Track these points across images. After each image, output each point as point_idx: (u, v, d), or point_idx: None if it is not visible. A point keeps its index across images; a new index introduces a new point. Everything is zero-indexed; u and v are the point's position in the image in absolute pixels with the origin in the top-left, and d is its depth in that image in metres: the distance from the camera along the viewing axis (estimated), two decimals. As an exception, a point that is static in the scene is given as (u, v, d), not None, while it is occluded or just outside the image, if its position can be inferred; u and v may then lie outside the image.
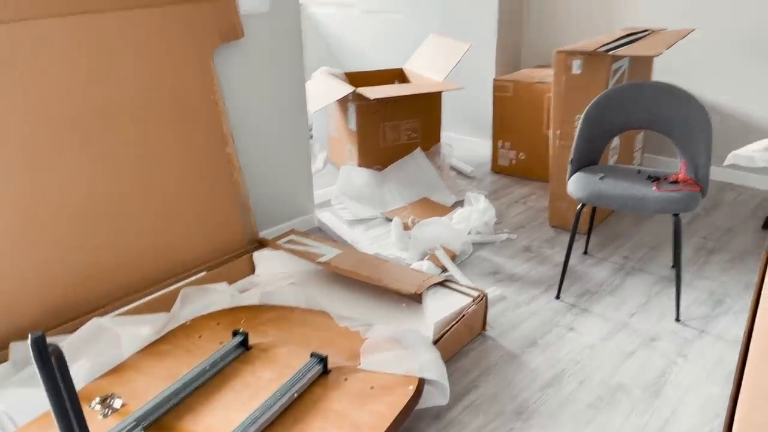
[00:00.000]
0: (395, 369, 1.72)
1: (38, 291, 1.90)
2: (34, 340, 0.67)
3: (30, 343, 0.67)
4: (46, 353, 0.68)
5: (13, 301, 1.85)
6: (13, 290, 1.85)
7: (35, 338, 0.67)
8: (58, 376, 0.74)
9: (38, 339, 0.67)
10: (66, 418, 0.73)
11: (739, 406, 1.22)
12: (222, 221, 2.39)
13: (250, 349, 1.84)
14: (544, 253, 2.73)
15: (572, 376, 1.94)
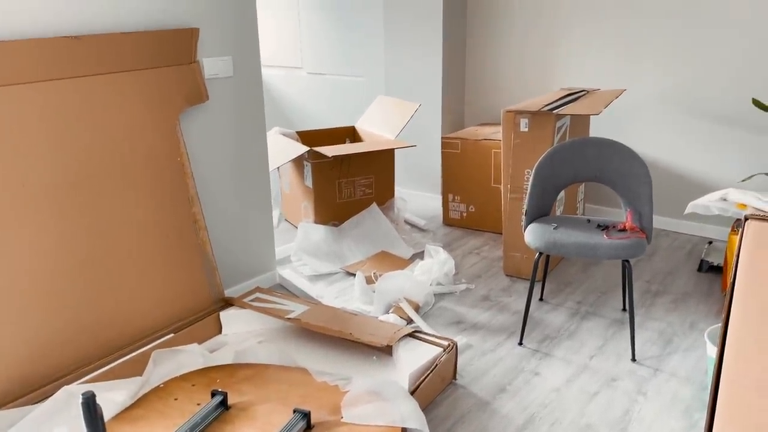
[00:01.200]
0: (378, 420, 1.75)
1: (2, 361, 1.84)
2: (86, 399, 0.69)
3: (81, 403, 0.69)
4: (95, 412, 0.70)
5: (-23, 372, 1.79)
6: (-22, 360, 1.79)
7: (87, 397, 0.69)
8: None
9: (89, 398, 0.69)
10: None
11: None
12: (188, 281, 2.38)
13: (229, 409, 1.83)
14: (502, 301, 2.84)
15: (543, 420, 2.01)
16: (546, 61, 3.82)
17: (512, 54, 3.93)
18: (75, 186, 2.05)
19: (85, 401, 0.69)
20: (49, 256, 1.97)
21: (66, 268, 2.01)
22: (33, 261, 1.93)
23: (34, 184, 1.95)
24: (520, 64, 3.92)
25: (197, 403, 1.85)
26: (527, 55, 3.88)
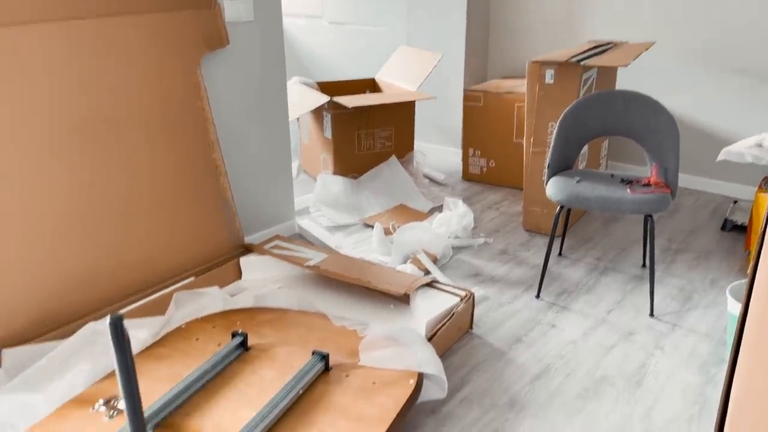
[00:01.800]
0: (395, 365, 1.77)
1: (28, 298, 1.88)
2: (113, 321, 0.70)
3: (109, 324, 0.70)
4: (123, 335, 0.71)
5: (4, 308, 1.82)
6: (5, 297, 1.82)
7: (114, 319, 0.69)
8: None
9: (117, 320, 0.69)
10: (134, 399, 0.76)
11: (731, 405, 1.31)
12: (209, 227, 2.40)
13: (249, 350, 1.86)
14: (520, 255, 2.83)
15: (558, 370, 2.02)
16: (573, 13, 3.71)
17: (538, 5, 3.82)
18: (95, 129, 2.05)
19: (113, 323, 0.69)
20: (74, 197, 1.98)
21: (90, 210, 2.02)
22: (58, 202, 1.95)
23: (56, 125, 1.95)
24: (546, 15, 3.81)
25: (218, 343, 1.88)
26: (554, 6, 3.77)
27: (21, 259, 1.86)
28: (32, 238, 1.89)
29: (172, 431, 1.51)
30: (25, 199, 1.87)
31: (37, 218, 1.90)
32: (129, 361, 0.74)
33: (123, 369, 0.73)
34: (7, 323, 1.83)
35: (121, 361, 0.73)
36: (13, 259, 1.85)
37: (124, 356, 0.72)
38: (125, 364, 0.73)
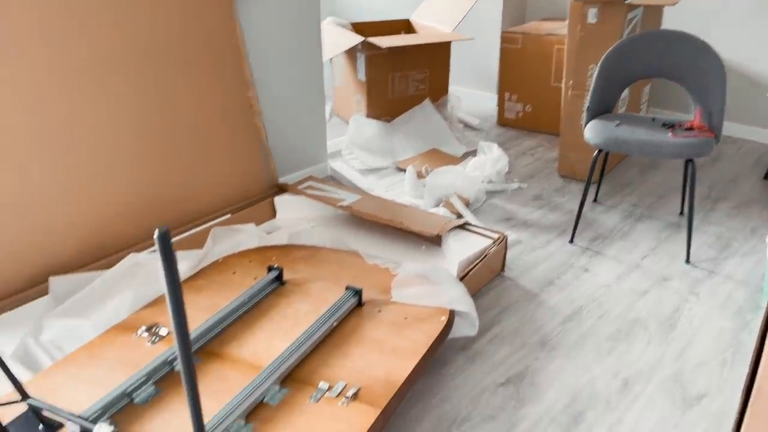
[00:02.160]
0: (427, 302, 1.79)
1: (73, 229, 1.93)
2: (161, 234, 0.71)
3: (156, 237, 0.72)
4: (169, 248, 0.73)
5: (50, 239, 1.89)
6: (51, 229, 1.88)
7: (162, 232, 0.71)
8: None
9: (164, 233, 0.71)
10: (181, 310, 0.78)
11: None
12: (244, 165, 2.42)
13: (284, 284, 1.90)
14: (554, 201, 2.80)
15: (590, 312, 2.03)
16: (619, -49, 3.55)
17: (583, -58, 3.66)
18: (134, 64, 2.06)
19: (161, 236, 0.71)
20: (117, 132, 2.01)
21: (133, 145, 2.06)
22: (102, 137, 1.98)
23: (95, 61, 1.96)
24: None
25: (254, 277, 1.92)
26: (599, -57, 3.60)
27: (67, 192, 1.91)
28: (77, 171, 1.93)
29: (211, 357, 1.57)
30: (71, 134, 1.91)
31: (81, 153, 1.94)
32: (175, 274, 0.76)
33: (170, 281, 0.76)
34: (54, 253, 1.90)
35: (168, 273, 0.75)
36: (59, 192, 1.90)
37: (171, 269, 0.75)
38: (172, 276, 0.75)
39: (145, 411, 1.39)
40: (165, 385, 1.47)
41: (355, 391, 1.44)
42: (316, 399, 1.43)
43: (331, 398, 1.43)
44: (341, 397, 1.43)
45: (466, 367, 1.78)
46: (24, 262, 1.84)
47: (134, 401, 1.41)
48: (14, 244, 1.82)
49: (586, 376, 1.75)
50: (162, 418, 1.37)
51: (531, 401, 1.65)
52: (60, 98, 1.89)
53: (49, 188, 1.88)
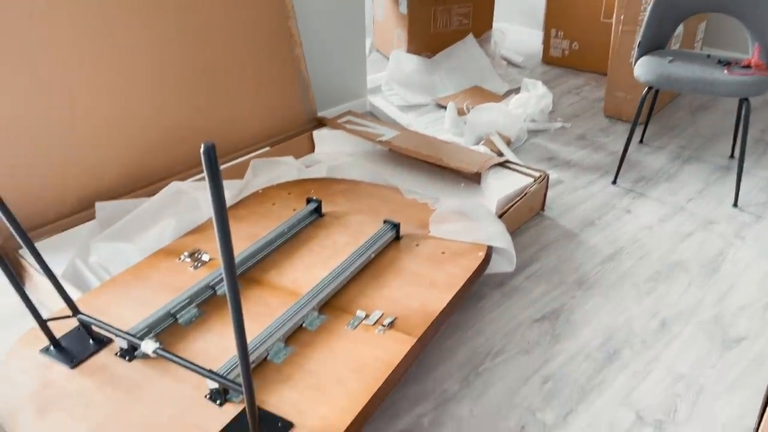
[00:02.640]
0: (464, 237, 1.78)
1: (118, 157, 1.97)
2: (207, 148, 0.71)
3: (202, 152, 0.72)
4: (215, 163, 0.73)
5: (97, 166, 1.93)
6: (97, 156, 1.92)
7: (207, 147, 0.71)
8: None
9: (210, 148, 0.71)
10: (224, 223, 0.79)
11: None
12: (283, 97, 2.41)
13: (323, 216, 1.91)
14: (599, 141, 2.73)
15: (631, 253, 2.00)
16: None
17: None
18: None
19: (206, 151, 0.71)
20: (159, 62, 2.02)
21: (175, 75, 2.06)
22: (146, 67, 1.98)
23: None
24: None
25: (293, 209, 1.94)
26: None
27: (112, 122, 1.94)
28: (122, 101, 1.95)
29: (252, 283, 1.60)
30: (115, 63, 1.92)
31: (127, 83, 1.95)
32: (220, 188, 0.77)
33: (215, 195, 0.76)
34: (99, 179, 1.94)
35: (214, 187, 0.75)
36: (105, 121, 1.92)
37: (216, 182, 0.75)
38: (217, 191, 0.76)
39: (188, 331, 1.44)
40: (207, 308, 1.52)
41: (392, 320, 1.46)
42: (354, 326, 1.45)
43: (368, 326, 1.45)
44: (378, 325, 1.45)
45: (501, 302, 1.79)
46: (72, 188, 1.89)
47: (178, 321, 1.46)
48: (63, 170, 1.86)
49: (623, 315, 1.74)
50: (204, 339, 1.42)
51: (566, 337, 1.66)
52: (106, 29, 1.89)
53: (96, 117, 1.91)
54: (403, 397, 1.47)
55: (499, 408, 1.45)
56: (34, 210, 1.83)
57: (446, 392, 1.49)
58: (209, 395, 1.25)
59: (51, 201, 1.86)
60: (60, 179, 1.86)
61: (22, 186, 1.79)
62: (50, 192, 1.85)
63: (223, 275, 0.89)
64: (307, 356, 1.37)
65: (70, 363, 1.33)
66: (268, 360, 1.36)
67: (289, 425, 1.19)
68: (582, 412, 1.44)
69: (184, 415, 1.22)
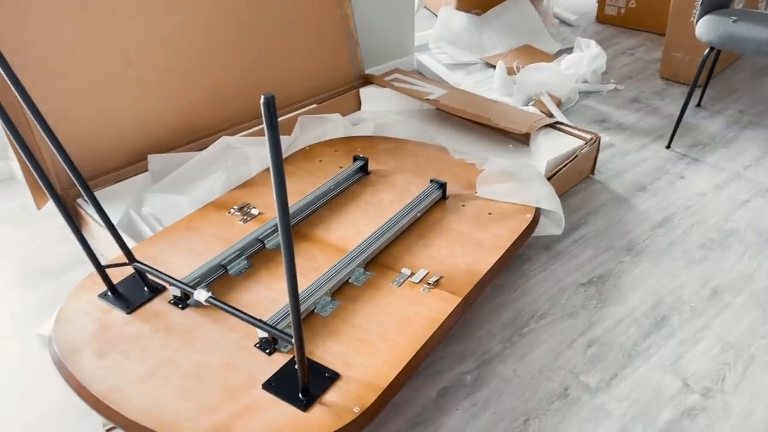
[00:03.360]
0: (512, 198, 1.77)
1: (170, 111, 2.00)
2: (267, 99, 0.72)
3: (262, 103, 0.72)
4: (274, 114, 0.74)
5: (149, 120, 1.96)
6: (150, 110, 1.95)
7: (267, 98, 0.71)
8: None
9: (269, 99, 0.71)
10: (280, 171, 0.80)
11: None
12: (331, 53, 2.39)
13: (369, 174, 1.91)
14: (653, 104, 2.64)
15: (683, 220, 1.95)
16: None
17: None
18: (226, -57, 2.03)
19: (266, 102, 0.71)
20: (211, 20, 2.02)
21: (225, 31, 2.06)
22: (197, 25, 1.99)
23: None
24: None
25: (339, 166, 1.95)
26: None
27: (165, 76, 1.96)
28: (175, 56, 1.97)
29: (299, 238, 1.62)
30: (169, 18, 1.93)
31: (179, 38, 1.96)
32: (278, 140, 0.77)
33: (273, 147, 0.77)
34: (152, 132, 1.98)
35: (272, 138, 0.76)
36: (157, 76, 1.95)
37: (274, 134, 0.75)
38: (275, 141, 0.77)
39: (239, 282, 1.47)
40: (256, 260, 1.55)
41: (437, 279, 1.47)
42: (399, 283, 1.46)
43: (414, 283, 1.46)
44: (423, 283, 1.46)
45: (548, 265, 1.77)
46: (125, 140, 1.93)
47: (228, 272, 1.49)
48: (117, 123, 1.90)
49: (672, 282, 1.70)
50: (254, 290, 1.45)
51: (613, 302, 1.64)
52: (155, -23, 1.90)
53: (149, 71, 1.93)
54: (447, 355, 1.49)
55: (542, 369, 1.45)
56: (90, 161, 1.88)
57: (489, 352, 1.50)
58: (258, 344, 1.29)
59: (106, 152, 1.90)
60: (114, 131, 1.91)
61: (80, 137, 1.84)
62: (105, 143, 1.90)
63: (278, 225, 0.91)
64: (353, 311, 1.39)
65: (127, 308, 1.38)
66: (315, 313, 1.38)
67: (335, 376, 1.22)
68: (627, 377, 1.43)
69: (234, 361, 1.26)
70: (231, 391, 1.19)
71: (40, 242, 1.86)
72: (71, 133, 1.82)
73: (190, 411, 1.15)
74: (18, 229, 1.92)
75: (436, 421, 1.34)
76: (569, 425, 1.32)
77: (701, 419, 1.33)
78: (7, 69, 1.09)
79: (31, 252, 1.82)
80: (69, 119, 1.81)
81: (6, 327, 1.57)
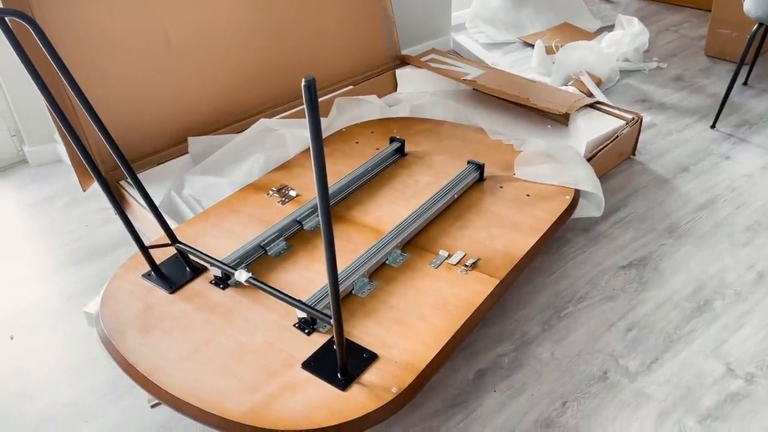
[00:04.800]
0: (551, 180, 1.74)
1: (208, 95, 2.02)
2: (308, 82, 0.72)
3: (303, 86, 0.73)
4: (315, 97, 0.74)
5: (189, 103, 1.99)
6: (190, 93, 1.98)
7: (308, 81, 0.72)
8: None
9: (310, 82, 0.72)
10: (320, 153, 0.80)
11: None
12: (367, 34, 2.38)
13: (405, 156, 1.91)
14: (697, 82, 2.56)
15: (727, 202, 1.90)
16: None
17: None
18: (262, -75, 2.03)
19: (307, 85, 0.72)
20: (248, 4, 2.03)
21: (262, 15, 2.07)
22: (236, 7, 2.00)
23: None
24: None
25: (376, 147, 1.95)
26: None
27: (204, 60, 1.98)
28: (214, 41, 1.99)
29: (337, 220, 1.63)
30: (208, 4, 1.95)
31: (218, 23, 1.98)
32: (317, 121, 0.78)
33: (313, 128, 0.77)
34: (191, 115, 2.01)
35: (312, 120, 0.76)
36: (197, 60, 1.97)
37: (315, 115, 0.76)
38: (315, 123, 0.77)
39: (277, 263, 1.50)
40: (295, 241, 1.56)
41: (474, 261, 1.47)
42: (436, 265, 1.47)
43: (451, 265, 1.46)
44: (460, 265, 1.46)
45: (587, 247, 1.75)
46: (166, 123, 1.96)
47: (268, 253, 1.52)
48: (159, 106, 1.93)
49: (716, 265, 1.67)
50: (292, 271, 1.47)
51: (653, 286, 1.61)
52: (194, -40, 1.91)
53: (189, 55, 1.95)
54: (484, 337, 1.49)
55: (580, 352, 1.44)
56: (133, 144, 1.92)
57: (527, 334, 1.49)
58: (298, 324, 1.31)
59: (148, 135, 1.94)
60: (156, 114, 1.94)
61: (123, 121, 1.88)
62: (147, 126, 1.93)
63: (318, 207, 0.92)
64: (391, 292, 1.40)
65: (169, 288, 1.41)
66: (353, 294, 1.39)
67: (373, 356, 1.24)
68: (668, 361, 1.41)
69: (274, 340, 1.28)
70: (271, 370, 1.22)
71: (86, 223, 1.91)
72: (115, 117, 1.86)
73: (231, 389, 1.18)
74: (65, 211, 1.97)
75: (473, 402, 1.34)
76: (608, 409, 1.31)
77: (745, 405, 1.31)
78: (53, 54, 1.11)
79: (77, 233, 1.88)
80: (113, 103, 1.85)
81: (55, 305, 1.63)
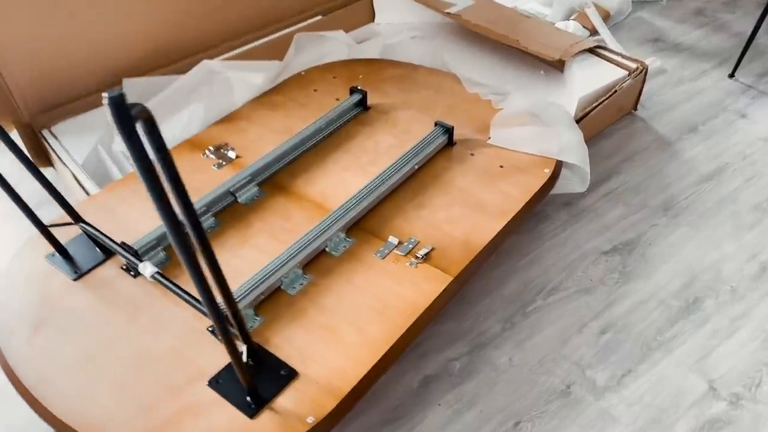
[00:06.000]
0: (530, 148, 1.50)
1: (146, 30, 1.75)
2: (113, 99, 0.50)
3: (108, 103, 0.50)
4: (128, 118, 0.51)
5: (123, 40, 1.72)
6: (124, 30, 1.71)
7: (113, 97, 0.49)
8: (149, 143, 0.59)
9: (117, 98, 0.49)
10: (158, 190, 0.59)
11: None
12: (339, -44, 2.06)
13: (368, 110, 1.66)
14: (721, 18, 2.23)
15: (737, 172, 1.65)
16: None
17: None
18: None
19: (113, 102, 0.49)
20: None
21: (202, -74, 1.76)
22: None
23: None
24: None
25: (336, 98, 1.70)
26: None
27: (133, -17, 1.70)
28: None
29: (277, 191, 1.42)
30: None
31: (145, -65, 1.68)
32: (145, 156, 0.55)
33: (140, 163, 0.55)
34: (126, 54, 1.75)
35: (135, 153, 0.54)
36: (125, -17, 1.69)
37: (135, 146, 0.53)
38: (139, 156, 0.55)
39: (201, 245, 1.30)
40: (225, 217, 1.36)
41: (427, 252, 1.26)
42: (383, 255, 1.26)
43: (399, 256, 1.26)
44: (410, 256, 1.26)
45: (568, 224, 1.54)
46: (96, 63, 1.71)
47: (191, 233, 1.32)
48: (87, 43, 1.67)
49: (713, 253, 1.45)
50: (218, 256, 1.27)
51: (638, 277, 1.41)
52: None
53: (116, -21, 1.67)
54: (435, 335, 1.31)
55: (543, 359, 1.26)
56: (60, 86, 1.68)
57: (485, 334, 1.31)
58: (211, 328, 1.13)
59: (75, 76, 1.69)
60: (86, 53, 1.68)
61: (49, 60, 1.63)
62: (76, 67, 1.68)
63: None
64: (326, 287, 1.21)
65: (74, 274, 1.23)
66: (282, 289, 1.20)
67: (292, 374, 1.06)
68: (642, 375, 1.23)
69: (182, 346, 1.11)
70: (173, 387, 1.05)
71: (10, 176, 1.71)
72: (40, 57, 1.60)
73: (123, 410, 1.02)
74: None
75: (415, 416, 1.18)
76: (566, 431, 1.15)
77: (724, 435, 1.14)
78: None
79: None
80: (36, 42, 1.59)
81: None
